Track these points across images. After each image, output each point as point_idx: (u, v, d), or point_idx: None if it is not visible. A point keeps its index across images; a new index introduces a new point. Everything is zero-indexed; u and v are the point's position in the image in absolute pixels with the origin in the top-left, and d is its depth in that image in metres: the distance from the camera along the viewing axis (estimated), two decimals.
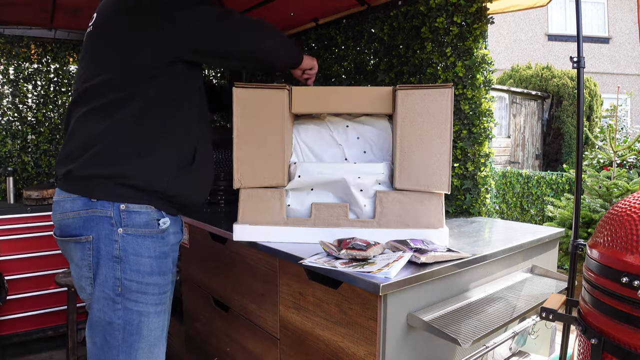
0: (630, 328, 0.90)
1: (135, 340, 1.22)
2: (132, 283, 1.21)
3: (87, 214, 1.20)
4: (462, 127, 2.08)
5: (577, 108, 1.55)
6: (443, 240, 1.46)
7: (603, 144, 4.90)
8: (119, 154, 1.20)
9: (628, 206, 0.97)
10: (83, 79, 1.27)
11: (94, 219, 1.20)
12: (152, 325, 1.25)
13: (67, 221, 1.22)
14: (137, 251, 1.21)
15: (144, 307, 1.23)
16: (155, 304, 1.25)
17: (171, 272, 1.33)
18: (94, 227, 1.20)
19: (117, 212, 1.20)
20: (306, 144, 1.59)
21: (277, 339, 1.54)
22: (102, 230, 1.19)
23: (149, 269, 1.23)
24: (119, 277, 1.20)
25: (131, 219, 1.21)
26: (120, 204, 1.20)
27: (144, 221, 1.23)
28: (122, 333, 1.21)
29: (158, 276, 1.25)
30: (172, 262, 1.34)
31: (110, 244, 1.19)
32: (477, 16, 2.01)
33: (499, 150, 7.92)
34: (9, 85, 2.99)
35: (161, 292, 1.27)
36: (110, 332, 1.21)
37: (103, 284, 1.20)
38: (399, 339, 1.20)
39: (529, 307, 1.37)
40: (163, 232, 1.28)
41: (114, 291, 1.20)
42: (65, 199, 1.23)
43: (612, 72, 11.76)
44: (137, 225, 1.22)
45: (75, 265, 1.25)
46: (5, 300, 2.61)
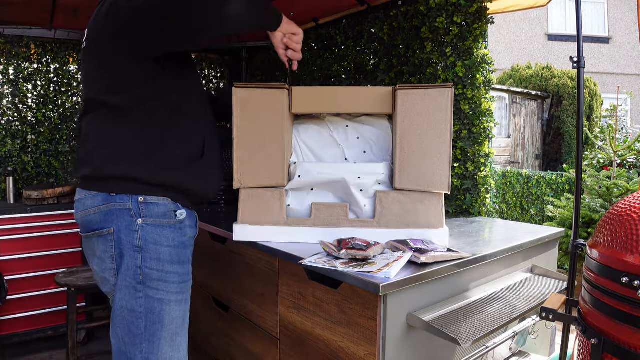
0: (630, 328, 0.90)
1: (157, 329, 1.25)
2: (152, 271, 1.25)
3: (107, 208, 1.25)
4: (462, 127, 2.08)
5: (577, 108, 1.55)
6: (443, 240, 1.46)
7: (603, 144, 4.90)
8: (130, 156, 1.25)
9: (628, 206, 0.97)
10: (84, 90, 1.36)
11: (114, 212, 1.25)
12: (174, 314, 1.28)
13: (89, 217, 1.28)
14: (157, 240, 1.26)
15: (165, 295, 1.26)
16: (176, 292, 1.28)
17: (190, 263, 1.36)
18: (115, 219, 1.25)
19: (136, 204, 1.25)
20: (306, 144, 1.59)
21: (277, 339, 1.54)
22: (122, 222, 1.24)
23: (168, 258, 1.27)
24: (140, 265, 1.24)
25: (149, 209, 1.26)
26: (139, 196, 1.25)
27: (162, 212, 1.28)
28: (144, 321, 1.24)
29: (178, 265, 1.29)
30: (190, 254, 1.37)
31: (131, 234, 1.24)
32: (477, 16, 2.01)
33: (499, 150, 7.92)
34: (9, 85, 2.99)
35: (181, 282, 1.30)
36: (132, 320, 1.24)
37: (125, 273, 1.24)
38: (399, 339, 1.20)
39: (529, 307, 1.37)
40: (180, 222, 1.32)
41: (135, 279, 1.23)
42: (85, 197, 1.29)
43: (612, 72, 11.76)
44: (155, 215, 1.27)
45: (99, 259, 1.29)
46: (5, 300, 2.61)
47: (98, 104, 1.28)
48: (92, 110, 1.30)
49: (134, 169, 1.25)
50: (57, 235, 2.80)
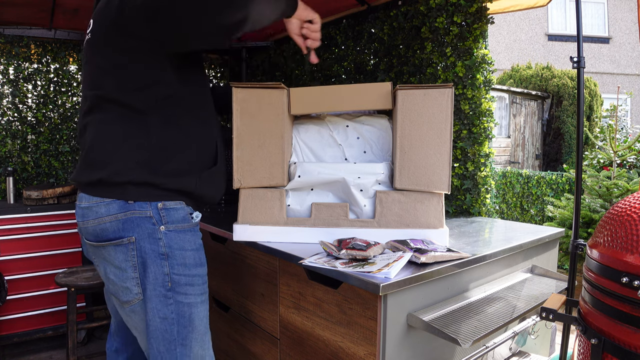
0: (630, 328, 0.90)
1: (189, 332, 1.26)
2: (180, 277, 1.24)
3: (126, 216, 1.21)
4: (462, 127, 2.08)
5: (577, 108, 1.55)
6: (443, 240, 1.46)
7: (603, 144, 4.90)
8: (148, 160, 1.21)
9: (628, 206, 0.97)
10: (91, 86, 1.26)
11: (133, 220, 1.21)
12: (201, 314, 1.29)
13: (105, 226, 1.22)
14: (181, 246, 1.25)
15: (193, 298, 1.27)
16: (200, 293, 1.29)
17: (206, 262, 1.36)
18: (135, 227, 1.21)
19: (156, 210, 1.23)
20: (306, 144, 1.59)
21: (277, 339, 1.54)
22: (144, 230, 1.22)
23: (193, 261, 1.27)
24: (168, 272, 1.23)
25: (170, 215, 1.24)
26: (157, 202, 1.23)
27: (182, 216, 1.27)
28: (176, 326, 1.24)
29: (200, 267, 1.30)
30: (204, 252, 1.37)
31: (155, 242, 1.22)
32: (477, 16, 2.01)
33: (499, 150, 7.92)
34: (9, 85, 2.99)
35: (203, 282, 1.31)
36: (165, 328, 1.24)
37: (154, 282, 1.22)
38: (399, 339, 1.20)
39: (529, 307, 1.37)
40: (196, 225, 1.32)
41: (164, 287, 1.23)
42: (98, 204, 1.23)
43: (612, 72, 11.76)
44: (176, 221, 1.25)
45: (117, 268, 1.24)
46: (5, 300, 2.61)
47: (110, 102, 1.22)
48: (103, 109, 1.23)
49: (153, 175, 1.21)
50: (57, 235, 2.80)
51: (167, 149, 1.23)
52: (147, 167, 1.21)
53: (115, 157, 1.20)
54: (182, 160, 1.26)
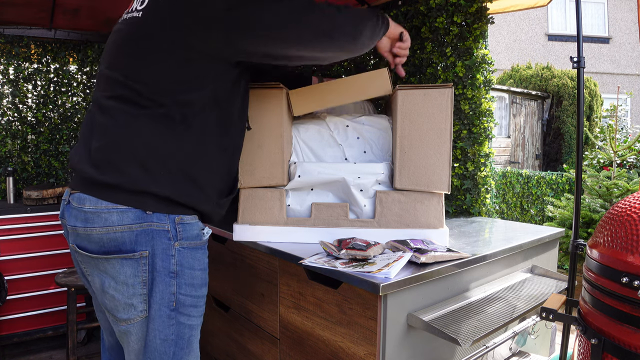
0: (630, 328, 0.90)
1: (185, 354, 1.19)
2: (186, 298, 1.16)
3: (142, 228, 1.09)
4: (462, 127, 2.08)
5: (577, 108, 1.55)
6: (443, 240, 1.46)
7: (603, 144, 4.90)
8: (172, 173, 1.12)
9: (628, 206, 0.97)
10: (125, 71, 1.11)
11: (149, 233, 1.10)
12: (198, 336, 1.24)
13: (114, 235, 1.09)
14: (191, 264, 1.17)
15: (195, 320, 1.20)
16: (200, 315, 1.23)
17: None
18: (150, 241, 1.10)
19: (173, 225, 1.13)
20: (306, 144, 1.59)
21: (277, 339, 1.54)
22: (158, 245, 1.11)
23: (199, 282, 1.19)
24: (174, 292, 1.14)
25: (186, 231, 1.15)
26: (176, 216, 1.13)
27: (196, 233, 1.18)
28: (173, 347, 1.17)
29: (205, 288, 1.23)
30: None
31: (167, 259, 1.12)
32: (477, 16, 2.01)
33: (499, 150, 7.92)
34: (9, 85, 2.99)
35: (204, 304, 1.25)
36: (164, 349, 1.16)
37: (160, 302, 1.13)
38: (399, 339, 1.20)
39: (529, 307, 1.37)
40: (206, 243, 1.24)
41: (169, 307, 1.14)
42: (110, 210, 1.08)
43: (612, 72, 11.76)
44: (190, 237, 1.16)
45: (122, 284, 1.11)
46: (5, 300, 2.61)
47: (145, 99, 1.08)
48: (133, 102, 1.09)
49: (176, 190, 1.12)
50: (57, 235, 2.80)
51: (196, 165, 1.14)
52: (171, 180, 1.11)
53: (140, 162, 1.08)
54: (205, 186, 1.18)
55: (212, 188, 1.22)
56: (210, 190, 1.21)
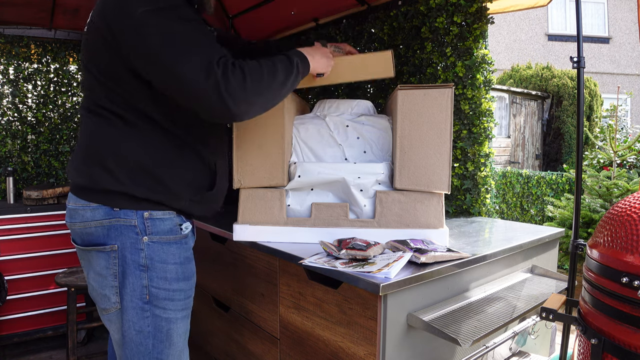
0: (630, 328, 0.90)
1: (165, 347, 1.22)
2: (159, 291, 1.20)
3: (111, 223, 1.18)
4: (462, 127, 2.08)
5: (577, 108, 1.55)
6: (443, 240, 1.46)
7: (603, 144, 4.90)
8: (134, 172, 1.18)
9: (628, 206, 0.97)
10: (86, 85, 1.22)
11: (117, 228, 1.18)
12: (180, 331, 1.25)
13: (90, 230, 1.20)
14: (163, 258, 1.21)
15: (172, 313, 1.22)
16: (181, 309, 1.25)
17: (194, 275, 1.32)
18: (119, 236, 1.18)
19: (141, 220, 1.19)
20: (306, 144, 1.59)
21: (277, 339, 1.54)
22: (127, 239, 1.18)
23: (175, 276, 1.23)
24: (147, 285, 1.19)
25: (155, 226, 1.20)
26: (144, 211, 1.19)
27: (168, 228, 1.22)
28: (152, 340, 1.20)
29: (183, 282, 1.25)
30: (194, 265, 1.34)
31: (137, 252, 1.18)
32: (477, 16, 2.01)
33: (499, 150, 7.92)
34: (9, 85, 2.99)
35: (186, 297, 1.27)
36: (140, 341, 1.20)
37: (131, 294, 1.19)
38: (399, 339, 1.20)
39: (529, 307, 1.37)
40: (186, 237, 1.28)
41: (142, 300, 1.19)
42: (84, 207, 1.20)
43: (612, 72, 11.76)
44: (161, 232, 1.21)
45: (98, 275, 1.21)
46: (5, 300, 2.61)
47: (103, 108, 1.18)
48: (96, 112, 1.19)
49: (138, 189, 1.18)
50: (57, 235, 2.80)
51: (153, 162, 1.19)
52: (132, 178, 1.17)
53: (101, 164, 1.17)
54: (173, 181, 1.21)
55: (178, 183, 1.23)
56: (177, 185, 1.23)
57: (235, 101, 1.06)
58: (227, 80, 1.04)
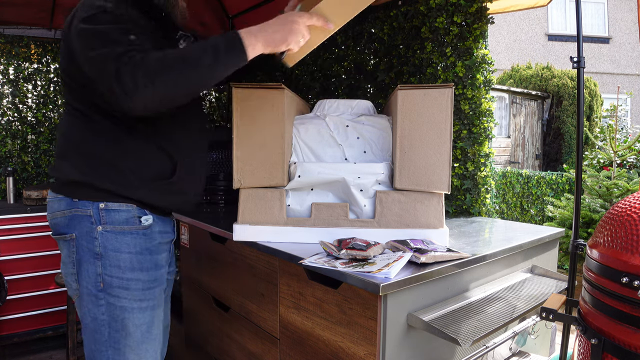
0: (630, 328, 0.90)
1: (122, 337, 1.25)
2: (112, 279, 1.24)
3: (71, 213, 1.26)
4: (462, 127, 2.08)
5: (577, 108, 1.55)
6: (443, 240, 1.46)
7: (603, 144, 4.90)
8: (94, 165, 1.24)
9: (628, 206, 0.97)
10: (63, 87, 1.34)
11: (76, 218, 1.25)
12: (137, 321, 1.27)
13: (56, 220, 1.29)
14: (116, 247, 1.25)
15: (127, 302, 1.25)
16: (139, 299, 1.27)
17: (158, 269, 1.33)
18: (77, 225, 1.25)
19: (97, 210, 1.25)
20: (306, 144, 1.59)
21: (277, 339, 1.54)
22: (83, 228, 1.25)
23: (129, 265, 1.26)
24: (100, 272, 1.24)
25: (110, 216, 1.25)
26: (100, 203, 1.25)
27: (124, 218, 1.27)
28: (107, 328, 1.24)
29: (139, 272, 1.28)
30: (160, 260, 1.34)
31: (91, 241, 1.24)
32: (477, 16, 2.01)
33: (499, 150, 7.92)
34: (9, 85, 2.99)
35: (145, 288, 1.28)
36: (95, 328, 1.25)
37: (87, 281, 1.25)
38: (399, 339, 1.20)
39: (529, 307, 1.37)
40: (146, 228, 1.30)
41: (96, 287, 1.24)
42: (53, 199, 1.31)
43: (612, 72, 11.76)
44: (115, 222, 1.26)
45: (63, 263, 1.30)
46: (5, 300, 2.61)
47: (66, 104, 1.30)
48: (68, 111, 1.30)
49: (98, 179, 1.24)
50: None
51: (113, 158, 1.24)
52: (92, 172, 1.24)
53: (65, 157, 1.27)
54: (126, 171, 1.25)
55: (135, 173, 1.27)
56: (134, 175, 1.26)
57: (131, 97, 1.06)
58: (120, 77, 1.05)
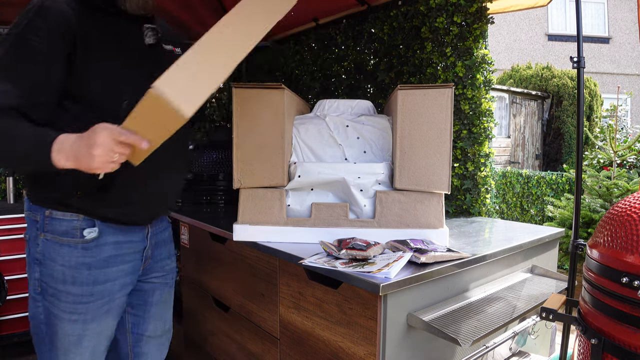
0: (630, 328, 0.90)
1: (54, 340, 1.26)
2: (47, 287, 1.24)
3: (28, 216, 1.29)
4: (462, 127, 2.08)
5: (577, 108, 1.55)
6: (443, 240, 1.46)
7: (603, 144, 4.90)
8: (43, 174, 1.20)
9: (628, 206, 0.97)
10: None
11: (29, 221, 1.28)
12: (66, 331, 1.25)
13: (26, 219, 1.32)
14: (53, 257, 1.23)
15: (58, 311, 1.24)
16: (69, 312, 1.23)
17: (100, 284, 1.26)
18: (29, 228, 1.28)
19: (43, 217, 1.23)
20: (306, 144, 1.59)
21: (277, 339, 1.54)
22: (31, 232, 1.27)
23: (61, 277, 1.22)
24: (38, 278, 1.25)
25: (52, 225, 1.23)
26: (47, 209, 1.23)
27: (64, 229, 1.22)
28: (45, 328, 1.27)
29: (71, 285, 1.23)
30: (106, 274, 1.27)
31: (35, 246, 1.25)
32: (477, 16, 2.01)
33: (499, 150, 7.92)
34: None
35: (76, 302, 1.23)
36: (36, 325, 1.28)
37: (31, 282, 1.27)
38: (399, 339, 1.20)
39: (529, 307, 1.37)
40: (87, 242, 1.24)
41: (34, 290, 1.26)
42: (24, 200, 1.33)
43: (612, 72, 11.76)
44: (55, 232, 1.23)
45: None
46: (5, 300, 2.61)
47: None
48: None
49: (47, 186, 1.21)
50: None
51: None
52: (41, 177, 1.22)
53: None
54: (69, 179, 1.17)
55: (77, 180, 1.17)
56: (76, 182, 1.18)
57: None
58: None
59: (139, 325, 1.43)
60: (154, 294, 1.44)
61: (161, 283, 1.45)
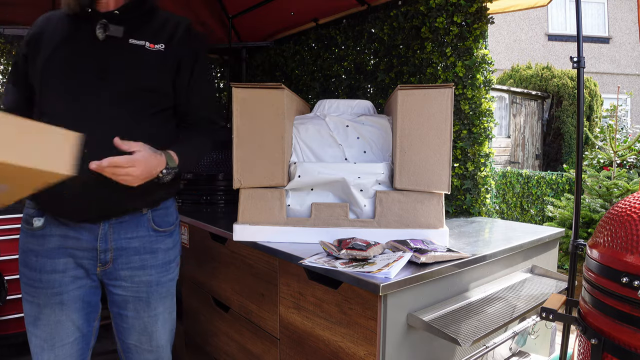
0: (630, 328, 0.90)
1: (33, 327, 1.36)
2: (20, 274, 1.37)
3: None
4: (462, 127, 2.08)
5: (577, 108, 1.55)
6: (443, 240, 1.46)
7: (603, 144, 4.90)
8: None
9: (628, 206, 0.97)
10: None
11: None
12: (26, 310, 1.36)
13: None
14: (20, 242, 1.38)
15: (22, 291, 1.37)
16: (25, 292, 1.36)
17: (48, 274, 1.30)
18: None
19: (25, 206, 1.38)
20: (306, 144, 1.59)
21: (277, 339, 1.54)
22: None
23: (21, 259, 1.37)
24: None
25: (24, 213, 1.38)
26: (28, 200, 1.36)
27: (24, 217, 1.38)
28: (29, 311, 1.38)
29: (24, 268, 1.35)
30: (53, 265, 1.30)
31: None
32: (477, 16, 2.01)
33: (499, 150, 7.91)
34: None
35: (28, 285, 1.34)
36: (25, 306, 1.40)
37: None
38: (399, 339, 1.20)
39: (529, 307, 1.37)
40: (35, 230, 1.34)
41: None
42: None
43: (612, 72, 11.76)
44: (23, 220, 1.38)
45: None
46: (5, 300, 2.61)
47: None
48: None
49: None
50: None
51: None
52: None
53: None
54: None
55: None
56: None
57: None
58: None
59: (122, 332, 1.43)
60: (127, 306, 1.37)
61: (133, 296, 1.36)
